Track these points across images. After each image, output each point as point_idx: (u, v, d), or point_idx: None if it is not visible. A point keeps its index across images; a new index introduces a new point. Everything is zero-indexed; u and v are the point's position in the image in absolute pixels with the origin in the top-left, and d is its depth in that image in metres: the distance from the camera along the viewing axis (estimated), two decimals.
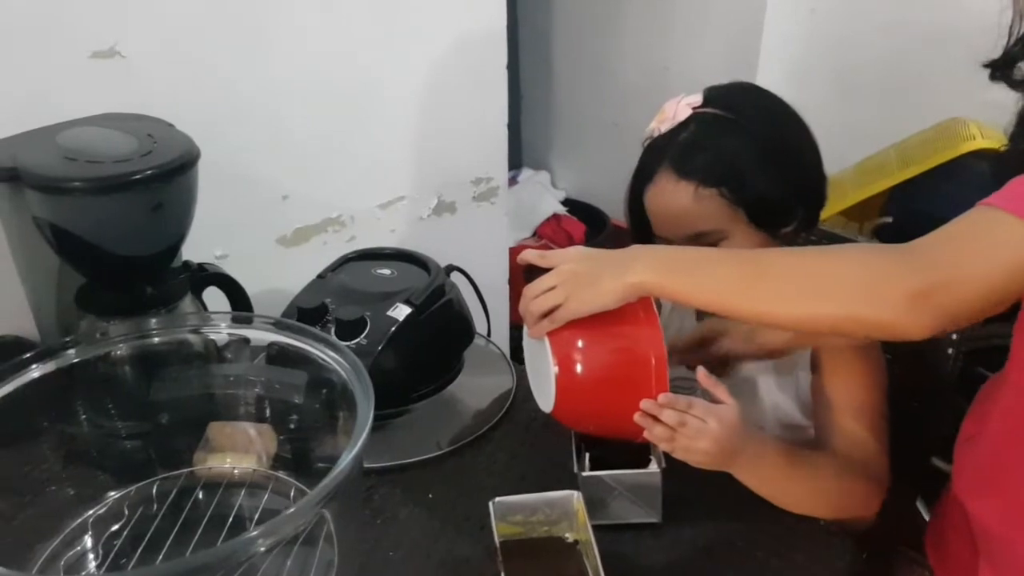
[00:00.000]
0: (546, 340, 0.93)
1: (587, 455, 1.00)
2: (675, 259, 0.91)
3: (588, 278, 0.91)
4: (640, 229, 1.16)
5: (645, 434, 0.93)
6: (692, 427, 0.91)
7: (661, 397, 0.92)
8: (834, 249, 0.91)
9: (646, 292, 0.90)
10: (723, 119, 1.09)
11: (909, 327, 0.78)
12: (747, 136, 1.08)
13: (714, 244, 1.09)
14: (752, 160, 1.07)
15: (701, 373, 0.95)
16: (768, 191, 1.08)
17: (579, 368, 0.93)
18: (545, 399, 0.97)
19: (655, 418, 0.91)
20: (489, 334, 1.45)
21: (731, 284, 0.87)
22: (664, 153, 1.10)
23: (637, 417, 0.92)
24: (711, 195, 1.07)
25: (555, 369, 0.93)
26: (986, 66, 0.88)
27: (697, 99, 1.11)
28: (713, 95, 1.12)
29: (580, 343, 0.93)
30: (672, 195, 1.09)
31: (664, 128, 1.11)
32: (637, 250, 0.94)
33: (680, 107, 1.11)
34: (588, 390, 0.94)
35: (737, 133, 1.08)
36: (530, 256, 0.97)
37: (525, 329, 0.97)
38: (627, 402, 0.92)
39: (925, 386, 1.22)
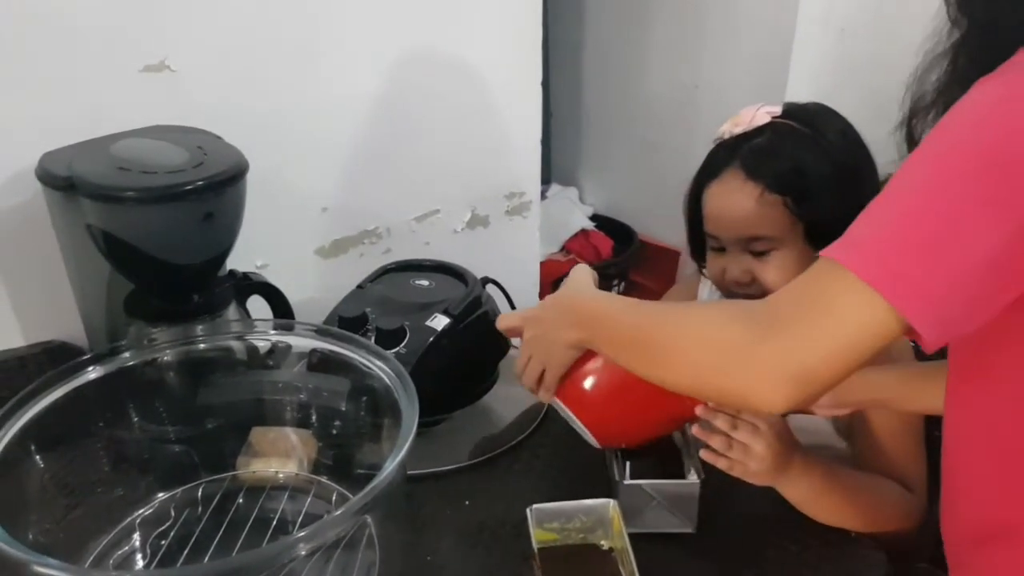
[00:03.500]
0: (556, 400, 1.02)
1: (627, 464, 1.02)
2: (587, 314, 0.94)
3: (546, 343, 0.98)
4: (694, 224, 1.19)
5: (702, 453, 0.96)
6: (745, 429, 0.93)
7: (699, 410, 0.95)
8: (700, 313, 0.81)
9: (588, 347, 0.95)
10: (800, 132, 1.10)
11: (762, 402, 0.70)
12: (823, 154, 1.09)
13: (765, 252, 1.10)
14: (823, 178, 1.08)
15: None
16: (832, 212, 1.08)
17: (595, 403, 0.99)
18: (590, 438, 1.02)
19: (710, 433, 0.95)
20: None
21: (625, 348, 0.86)
22: (735, 152, 1.11)
23: (695, 430, 0.96)
24: (775, 202, 1.08)
25: (576, 418, 1.01)
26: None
27: (776, 109, 1.13)
28: (792, 109, 1.13)
29: (584, 384, 0.99)
30: (737, 194, 1.10)
31: (737, 131, 1.13)
32: (559, 304, 1.00)
33: (759, 114, 1.12)
34: (614, 417, 1.00)
35: (813, 149, 1.09)
36: (505, 324, 1.07)
37: None
38: (651, 399, 0.94)
39: None
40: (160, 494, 1.05)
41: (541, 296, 1.95)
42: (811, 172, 1.08)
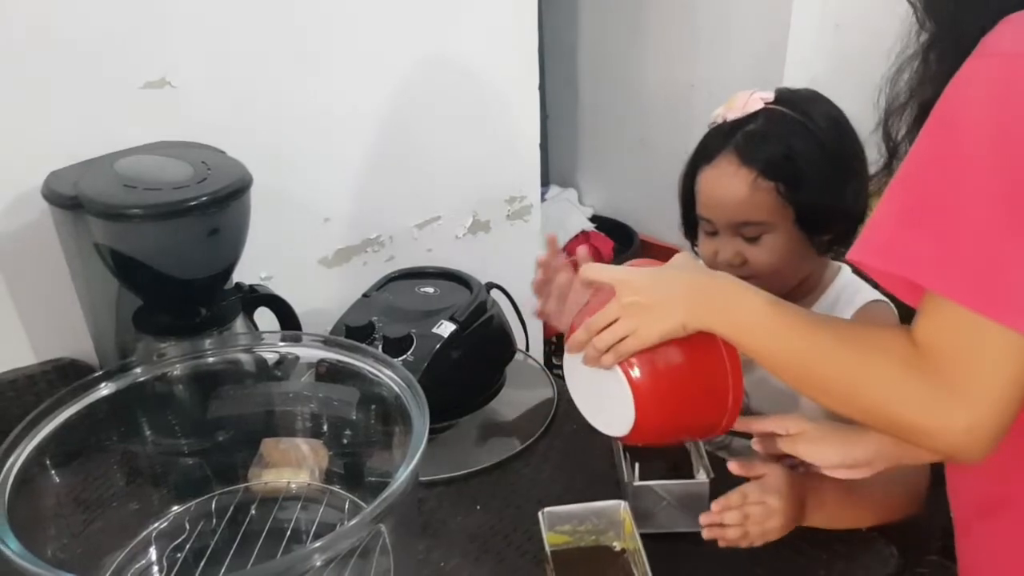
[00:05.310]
0: (617, 369, 0.88)
1: (636, 465, 1.02)
2: (745, 322, 0.85)
3: (656, 312, 0.86)
4: (688, 205, 1.21)
5: (721, 544, 0.95)
6: (757, 513, 0.94)
7: (714, 505, 0.94)
8: (867, 366, 0.77)
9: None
10: (793, 119, 1.12)
11: (965, 459, 0.73)
12: (814, 140, 1.11)
13: (756, 236, 1.12)
14: (815, 164, 1.10)
15: (732, 465, 0.97)
16: (822, 197, 1.10)
17: (653, 385, 0.88)
18: (613, 424, 0.92)
19: (721, 526, 0.94)
20: (527, 349, 1.48)
21: (786, 370, 0.83)
22: (729, 138, 1.13)
23: (705, 533, 0.95)
24: (768, 188, 1.10)
25: (630, 397, 0.88)
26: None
27: (769, 95, 1.14)
28: (785, 96, 1.15)
29: (656, 366, 0.88)
30: (730, 179, 1.12)
31: (731, 117, 1.14)
32: (710, 293, 0.87)
33: (752, 99, 1.13)
34: (665, 403, 0.89)
35: (805, 135, 1.11)
36: (592, 275, 0.93)
37: (566, 358, 0.94)
38: (703, 401, 0.90)
39: None
40: (175, 507, 1.05)
41: None
42: (804, 158, 1.10)
